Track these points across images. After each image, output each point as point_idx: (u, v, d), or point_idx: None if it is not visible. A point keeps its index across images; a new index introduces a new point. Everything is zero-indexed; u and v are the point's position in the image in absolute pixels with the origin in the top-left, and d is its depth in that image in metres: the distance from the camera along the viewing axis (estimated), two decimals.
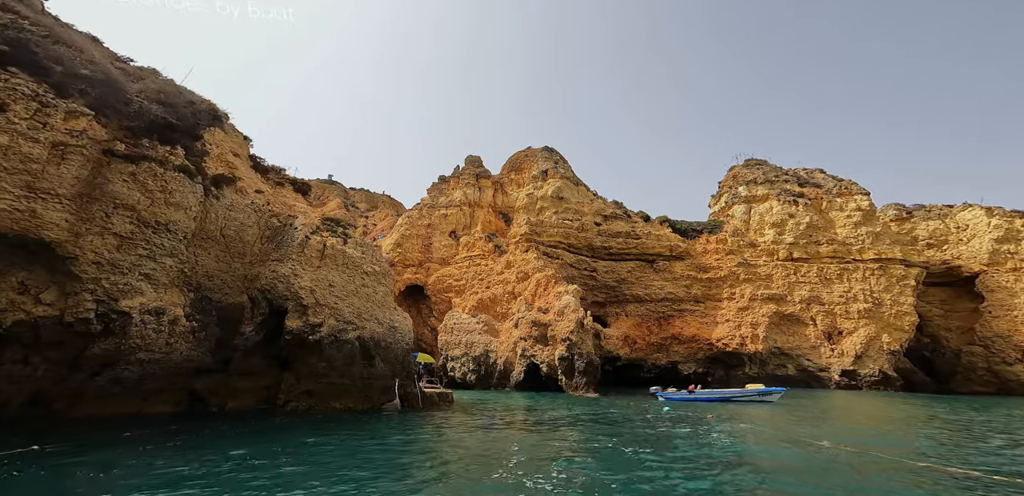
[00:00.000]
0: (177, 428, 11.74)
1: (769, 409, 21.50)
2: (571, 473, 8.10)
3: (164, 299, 14.37)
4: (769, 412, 20.30)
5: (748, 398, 24.20)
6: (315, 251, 19.15)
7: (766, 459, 10.23)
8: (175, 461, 8.13)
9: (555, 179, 56.23)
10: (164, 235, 15.06)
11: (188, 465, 7.89)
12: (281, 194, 24.16)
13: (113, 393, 12.34)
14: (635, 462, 9.20)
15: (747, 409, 21.36)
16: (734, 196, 55.15)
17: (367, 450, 9.96)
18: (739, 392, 25.15)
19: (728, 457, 10.06)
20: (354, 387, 16.89)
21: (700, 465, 9.12)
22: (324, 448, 9.98)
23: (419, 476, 7.95)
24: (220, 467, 7.90)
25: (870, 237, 43.34)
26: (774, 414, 19.64)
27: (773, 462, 10.01)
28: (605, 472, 8.22)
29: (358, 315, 18.14)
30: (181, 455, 8.68)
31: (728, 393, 25.80)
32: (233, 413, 14.82)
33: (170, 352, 13.71)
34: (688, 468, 8.74)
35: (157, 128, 18.19)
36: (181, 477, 7.18)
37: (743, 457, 10.22)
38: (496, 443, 11.49)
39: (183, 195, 16.01)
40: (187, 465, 7.89)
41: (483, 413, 18.35)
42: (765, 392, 23.98)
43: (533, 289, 38.83)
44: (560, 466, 8.60)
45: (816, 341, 39.19)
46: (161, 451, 8.99)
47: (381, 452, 9.77)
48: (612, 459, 9.50)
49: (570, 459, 9.39)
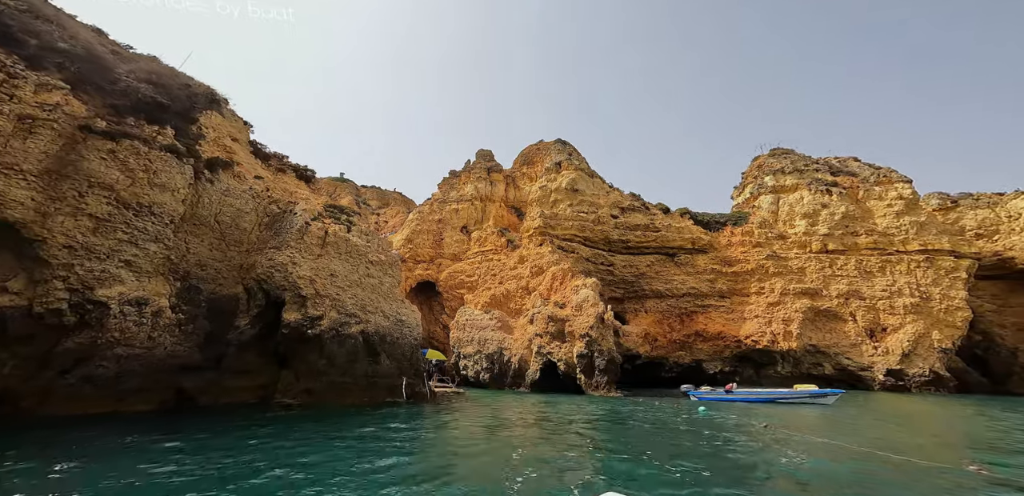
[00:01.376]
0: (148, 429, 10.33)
1: (825, 413, 18.62)
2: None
3: (147, 288, 13.02)
4: (830, 418, 17.31)
5: (797, 400, 21.66)
6: (316, 238, 17.68)
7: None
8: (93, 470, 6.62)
9: (569, 171, 54.15)
10: (148, 218, 13.71)
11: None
12: (282, 180, 22.82)
13: (84, 394, 10.98)
14: (689, 484, 7.26)
15: (798, 413, 18.69)
16: (760, 186, 52.23)
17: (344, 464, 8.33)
18: (787, 393, 22.50)
19: (826, 486, 7.40)
20: (357, 386, 15.34)
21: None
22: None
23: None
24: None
25: (914, 227, 40.10)
26: (839, 420, 16.61)
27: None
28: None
29: (362, 307, 16.58)
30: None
31: (773, 394, 23.12)
32: (220, 410, 13.40)
33: (153, 347, 12.33)
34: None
35: (145, 107, 16.99)
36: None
37: (847, 485, 7.48)
38: (501, 450, 9.72)
39: (169, 175, 14.66)
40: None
41: (494, 415, 16.63)
42: (818, 394, 21.37)
43: (548, 283, 36.94)
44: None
45: (856, 338, 36.32)
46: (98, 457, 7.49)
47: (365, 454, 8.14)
48: (659, 482, 7.49)
49: (606, 482, 7.37)
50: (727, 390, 23.95)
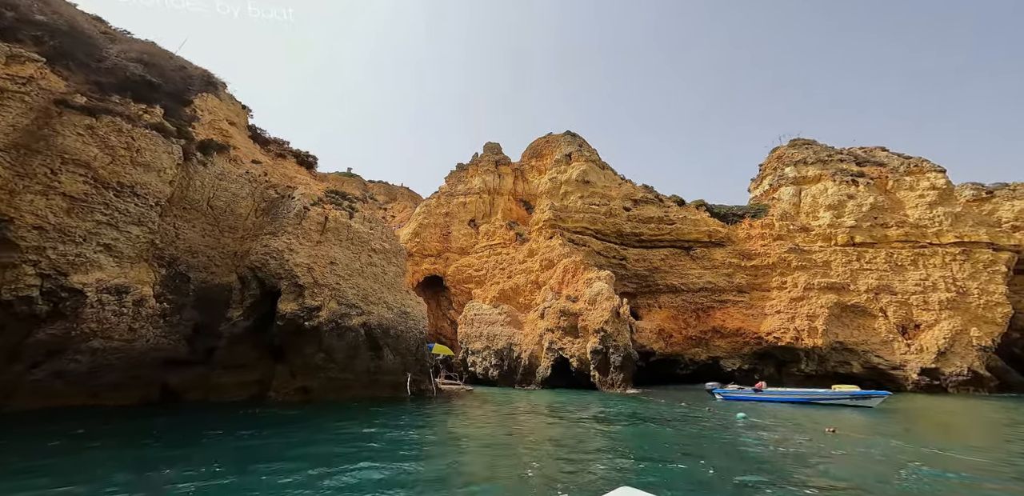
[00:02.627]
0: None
1: (877, 417, 16.43)
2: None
3: (129, 275, 11.94)
4: (893, 422, 14.99)
5: (837, 401, 19.93)
6: (315, 224, 16.50)
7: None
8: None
9: (580, 162, 52.54)
10: (130, 199, 12.61)
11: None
12: (281, 165, 21.70)
13: (54, 389, 9.93)
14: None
15: (846, 417, 16.57)
16: (780, 178, 50.04)
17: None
18: (825, 393, 20.69)
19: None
20: (358, 383, 14.18)
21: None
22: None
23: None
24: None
25: (949, 218, 37.78)
26: (908, 425, 14.24)
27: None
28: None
29: (363, 298, 15.39)
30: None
31: (809, 394, 21.21)
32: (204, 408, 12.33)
33: (133, 339, 11.26)
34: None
35: (133, 86, 15.97)
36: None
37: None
38: (510, 463, 8.43)
39: (155, 154, 13.53)
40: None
41: (507, 418, 15.36)
42: (861, 395, 19.53)
43: (560, 276, 35.54)
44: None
45: (887, 335, 34.34)
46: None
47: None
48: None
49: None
50: (757, 389, 22.22)
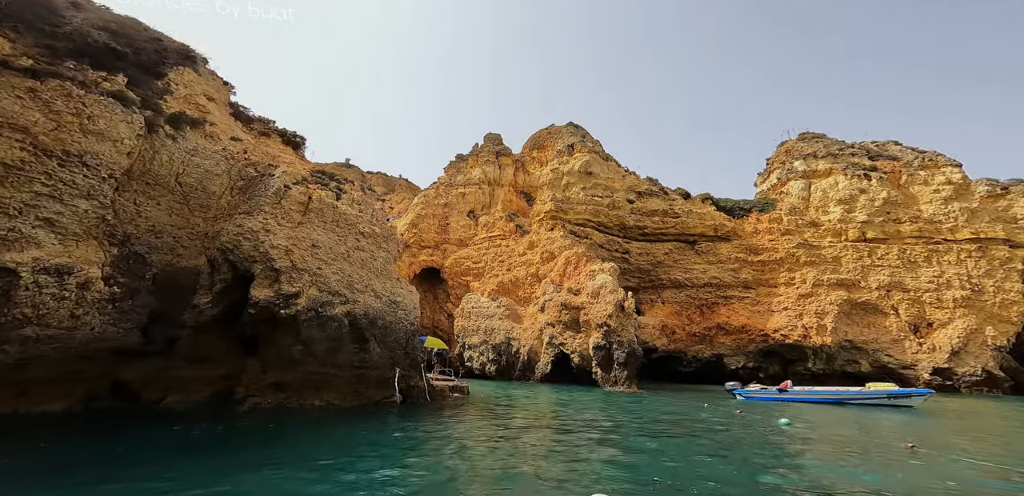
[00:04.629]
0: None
1: (926, 422, 14.82)
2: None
3: (73, 254, 10.38)
4: (949, 429, 13.43)
5: (873, 401, 18.38)
6: (296, 204, 14.92)
7: None
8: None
9: (582, 153, 50.88)
10: (77, 170, 11.01)
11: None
12: (264, 144, 20.03)
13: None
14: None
15: (886, 419, 14.95)
16: (789, 171, 48.58)
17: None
18: (859, 393, 19.17)
19: None
20: (340, 379, 12.73)
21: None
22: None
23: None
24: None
25: (964, 214, 36.48)
26: (978, 433, 12.69)
27: None
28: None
29: (348, 285, 13.88)
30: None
31: (841, 394, 19.66)
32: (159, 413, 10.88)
33: (75, 327, 9.74)
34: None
35: (93, 53, 14.42)
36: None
37: None
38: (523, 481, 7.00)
39: (110, 122, 11.92)
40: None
41: (506, 419, 13.98)
42: (899, 394, 18.13)
43: (562, 268, 34.10)
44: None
45: (899, 334, 33.17)
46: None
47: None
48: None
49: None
50: (781, 389, 20.78)
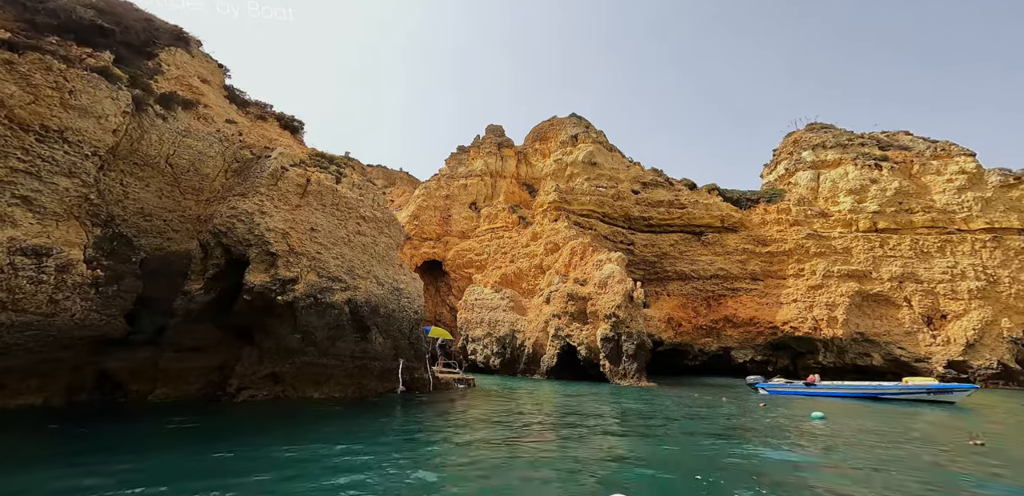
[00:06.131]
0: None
1: (973, 417, 13.68)
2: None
3: (53, 235, 9.64)
4: (999, 423, 12.33)
5: (912, 396, 17.22)
6: (294, 186, 14.13)
7: None
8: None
9: (586, 143, 49.94)
10: (58, 146, 10.23)
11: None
12: (261, 127, 19.20)
13: None
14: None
15: (928, 415, 13.75)
16: (797, 162, 47.63)
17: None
18: (896, 387, 17.97)
19: None
20: (341, 370, 12.04)
21: None
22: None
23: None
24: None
25: (979, 203, 35.62)
26: (1010, 425, 11.71)
27: None
28: None
29: (349, 270, 13.15)
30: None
31: (876, 388, 18.46)
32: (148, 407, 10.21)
33: (54, 313, 9.03)
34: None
35: (78, 29, 13.77)
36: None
37: None
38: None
39: (93, 98, 11.13)
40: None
41: (519, 415, 13.34)
42: (940, 389, 16.96)
43: (567, 259, 33.37)
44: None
45: (912, 326, 32.50)
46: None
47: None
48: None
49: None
50: (808, 383, 19.88)
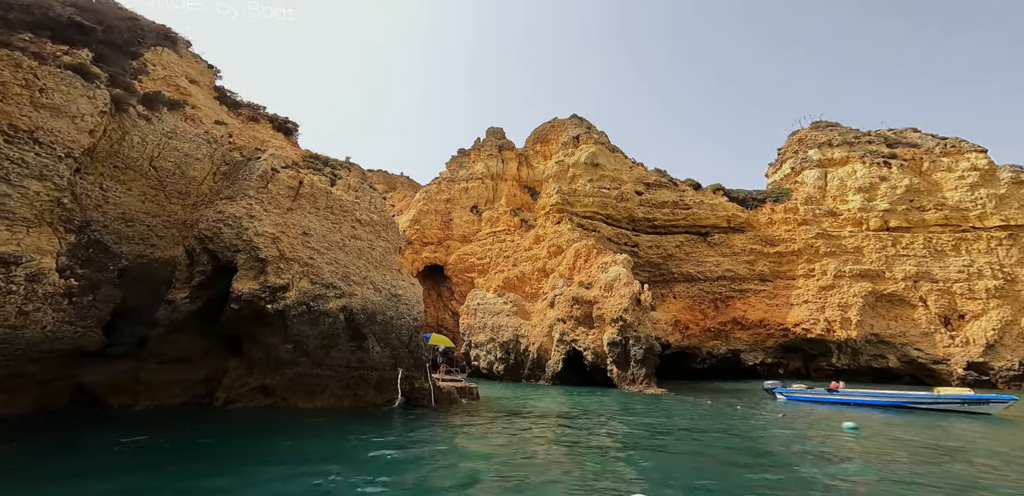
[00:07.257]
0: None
1: (1003, 426, 12.80)
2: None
3: (23, 242, 8.99)
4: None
5: (944, 406, 16.14)
6: (285, 188, 13.48)
7: None
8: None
9: (588, 144, 49.43)
10: (27, 147, 9.59)
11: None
12: (252, 129, 18.61)
13: None
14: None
15: (963, 428, 12.65)
16: (803, 160, 46.95)
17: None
18: (927, 397, 16.83)
19: None
20: (335, 380, 11.30)
21: None
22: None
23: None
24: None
25: (992, 200, 34.77)
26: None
27: None
28: None
29: (344, 276, 12.46)
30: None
31: (905, 397, 17.35)
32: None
33: (23, 326, 8.36)
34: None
35: (55, 26, 13.20)
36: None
37: None
38: None
39: (68, 97, 10.51)
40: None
41: (526, 431, 12.53)
42: (976, 400, 15.83)
43: (571, 261, 32.62)
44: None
45: (928, 327, 31.55)
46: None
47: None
48: None
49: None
50: (831, 389, 18.89)
